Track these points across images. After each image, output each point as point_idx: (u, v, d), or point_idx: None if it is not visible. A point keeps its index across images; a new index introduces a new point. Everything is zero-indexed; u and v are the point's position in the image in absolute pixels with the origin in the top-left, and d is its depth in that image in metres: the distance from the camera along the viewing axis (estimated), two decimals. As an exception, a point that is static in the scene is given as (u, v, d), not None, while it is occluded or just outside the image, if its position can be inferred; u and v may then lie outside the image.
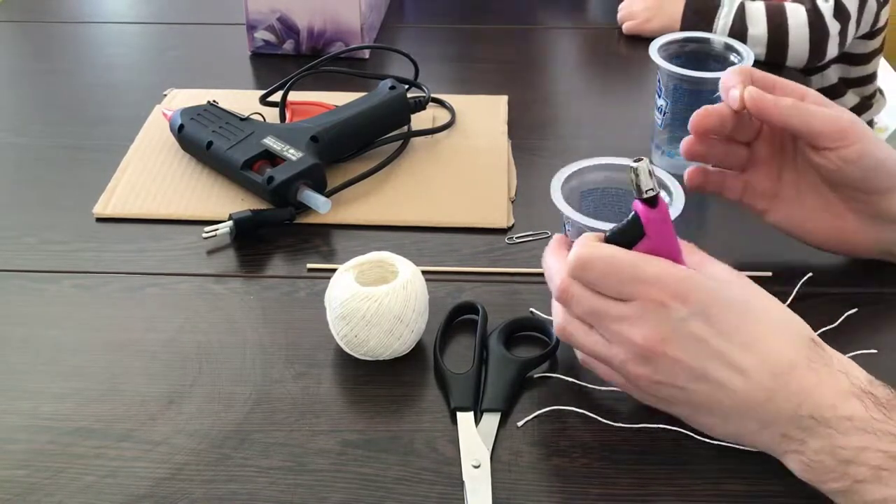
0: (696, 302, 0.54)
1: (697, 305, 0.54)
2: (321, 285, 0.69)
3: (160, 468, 0.58)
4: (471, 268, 0.75)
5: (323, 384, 0.64)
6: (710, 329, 0.54)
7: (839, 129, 0.65)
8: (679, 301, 0.54)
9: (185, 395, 0.63)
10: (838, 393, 0.52)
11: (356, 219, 0.81)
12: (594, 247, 0.56)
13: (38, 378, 0.65)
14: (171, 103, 0.96)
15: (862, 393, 0.52)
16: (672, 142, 0.86)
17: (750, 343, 0.54)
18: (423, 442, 0.60)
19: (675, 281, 0.54)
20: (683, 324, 0.54)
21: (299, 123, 0.86)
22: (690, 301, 0.54)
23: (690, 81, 0.82)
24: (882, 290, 0.72)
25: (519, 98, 0.99)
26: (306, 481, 0.58)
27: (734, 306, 0.55)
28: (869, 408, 0.51)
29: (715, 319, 0.54)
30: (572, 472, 0.58)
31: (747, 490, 0.56)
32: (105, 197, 0.83)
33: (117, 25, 1.18)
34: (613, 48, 1.15)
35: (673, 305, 0.54)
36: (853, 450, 0.51)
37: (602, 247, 0.56)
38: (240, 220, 0.77)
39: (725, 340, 0.54)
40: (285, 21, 1.06)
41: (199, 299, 0.72)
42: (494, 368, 0.64)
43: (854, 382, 0.52)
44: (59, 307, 0.72)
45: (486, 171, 0.87)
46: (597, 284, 0.56)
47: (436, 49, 1.12)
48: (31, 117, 0.97)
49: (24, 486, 0.57)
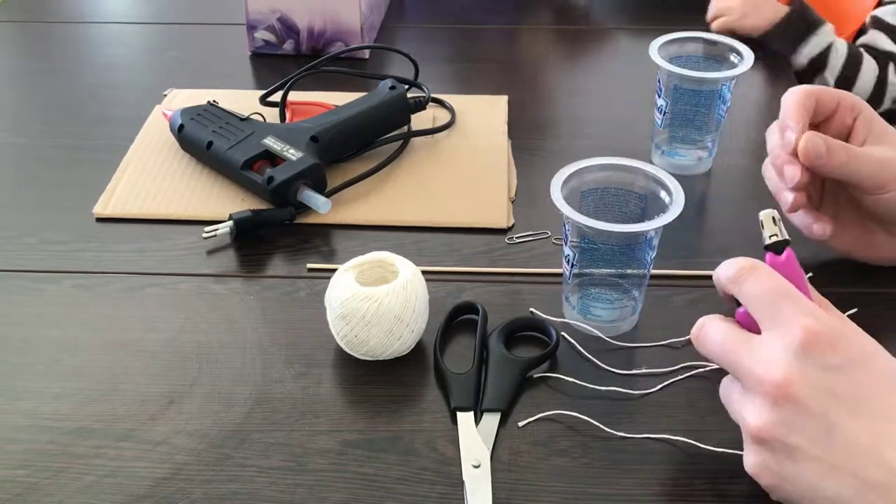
0: (843, 353, 0.49)
1: (843, 357, 0.49)
2: (321, 285, 0.69)
3: (160, 468, 0.58)
4: (471, 268, 0.75)
5: (323, 384, 0.64)
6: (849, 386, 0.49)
7: (880, 184, 0.67)
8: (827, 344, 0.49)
9: (185, 395, 0.63)
10: None
11: (356, 219, 0.81)
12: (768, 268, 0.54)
13: (38, 378, 0.65)
14: (171, 103, 0.96)
15: None
16: (672, 142, 0.86)
17: (889, 415, 0.49)
18: (423, 442, 0.60)
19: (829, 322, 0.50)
20: (822, 371, 0.49)
21: (299, 123, 0.86)
22: (838, 350, 0.49)
23: (690, 81, 0.82)
24: (882, 290, 0.72)
25: (519, 98, 0.99)
26: (306, 481, 0.58)
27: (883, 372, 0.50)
28: None
29: (857, 378, 0.49)
30: (572, 472, 0.58)
31: (747, 490, 0.56)
32: (105, 197, 0.83)
33: (117, 25, 1.18)
34: (613, 48, 1.15)
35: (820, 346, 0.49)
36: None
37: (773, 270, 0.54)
38: (240, 220, 0.77)
39: (863, 404, 0.49)
40: (285, 21, 1.06)
41: (199, 299, 0.72)
42: (494, 368, 0.64)
43: None
44: (59, 307, 0.72)
45: (486, 171, 0.87)
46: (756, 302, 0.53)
47: (436, 49, 1.12)
48: (31, 117, 0.97)
49: (24, 486, 0.57)
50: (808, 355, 0.49)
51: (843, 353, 0.49)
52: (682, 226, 0.66)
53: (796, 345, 0.49)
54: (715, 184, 0.86)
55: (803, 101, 0.68)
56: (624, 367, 0.66)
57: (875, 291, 0.72)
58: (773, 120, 0.70)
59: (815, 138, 0.66)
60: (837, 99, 0.69)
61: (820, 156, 0.65)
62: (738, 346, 0.52)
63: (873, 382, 0.49)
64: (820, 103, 0.69)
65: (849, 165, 0.66)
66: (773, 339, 0.51)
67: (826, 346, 0.49)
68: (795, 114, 0.67)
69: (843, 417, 0.48)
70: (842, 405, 0.49)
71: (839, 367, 0.49)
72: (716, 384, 0.56)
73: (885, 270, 0.73)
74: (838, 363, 0.49)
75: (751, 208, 0.78)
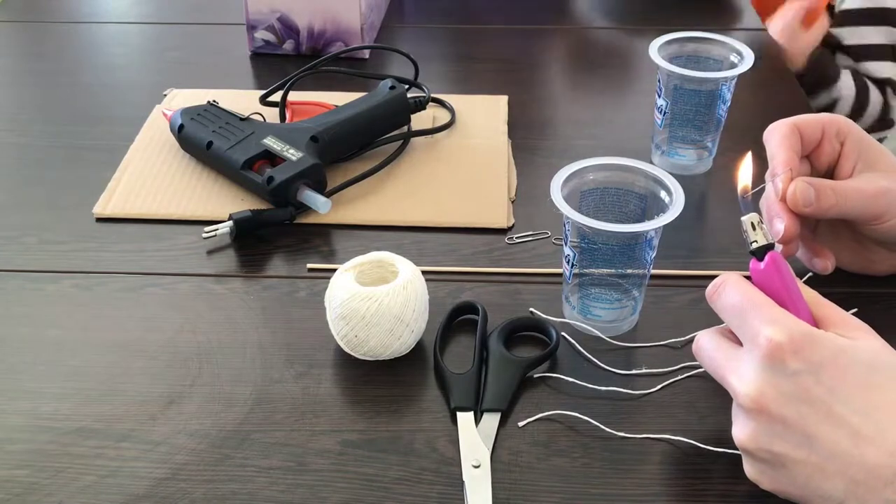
0: (808, 359, 0.50)
1: (809, 363, 0.50)
2: (321, 285, 0.69)
3: (160, 468, 0.58)
4: (471, 268, 0.75)
5: (323, 384, 0.64)
6: (821, 389, 0.49)
7: (875, 215, 0.66)
8: (791, 353, 0.50)
9: (185, 395, 0.63)
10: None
11: (356, 219, 0.81)
12: (734, 279, 0.55)
13: (38, 378, 0.65)
14: (171, 103, 0.96)
15: None
16: (672, 142, 0.86)
17: (866, 410, 0.49)
18: (423, 442, 0.60)
19: (791, 330, 0.50)
20: (791, 380, 0.50)
21: (299, 123, 0.86)
22: (803, 356, 0.50)
23: (690, 81, 0.82)
24: (882, 290, 0.72)
25: (519, 98, 0.99)
26: (306, 481, 0.58)
27: (854, 368, 0.50)
28: None
29: (827, 380, 0.49)
30: (572, 472, 0.58)
31: (747, 490, 0.56)
32: (105, 197, 0.83)
33: (117, 25, 1.17)
34: (613, 48, 1.15)
35: (784, 356, 0.50)
36: None
37: (741, 280, 0.55)
38: (240, 220, 0.77)
39: (838, 404, 0.49)
40: (285, 21, 1.06)
41: (199, 299, 0.72)
42: (494, 368, 0.64)
43: None
44: (59, 307, 0.72)
45: (486, 171, 0.87)
46: (727, 314, 0.54)
47: (436, 49, 1.12)
48: (31, 117, 0.97)
49: (24, 486, 0.57)
50: (775, 366, 0.50)
51: (809, 358, 0.50)
52: (682, 226, 0.66)
53: (761, 358, 0.51)
54: (715, 184, 0.86)
55: (787, 139, 0.66)
56: (624, 367, 0.66)
57: (875, 291, 0.72)
58: (773, 120, 0.70)
59: (802, 186, 0.64)
60: (822, 126, 0.67)
61: (809, 203, 0.64)
62: (724, 363, 0.54)
63: (847, 379, 0.50)
64: (804, 136, 0.67)
65: (839, 207, 0.65)
66: (745, 352, 0.52)
67: (789, 355, 0.50)
68: (782, 157, 0.66)
69: (819, 423, 0.50)
70: (817, 410, 0.50)
71: (807, 371, 0.50)
72: (716, 384, 0.56)
73: (885, 270, 0.73)
74: (805, 368, 0.50)
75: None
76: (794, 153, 0.66)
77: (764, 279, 0.54)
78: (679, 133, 0.85)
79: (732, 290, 0.54)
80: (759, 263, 0.55)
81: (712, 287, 0.56)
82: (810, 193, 0.64)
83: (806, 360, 0.50)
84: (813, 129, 0.67)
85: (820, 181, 0.66)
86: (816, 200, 0.64)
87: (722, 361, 0.54)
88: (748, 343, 0.52)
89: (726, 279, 0.55)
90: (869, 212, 0.66)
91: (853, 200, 0.65)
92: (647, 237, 0.64)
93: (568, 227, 0.65)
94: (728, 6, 1.23)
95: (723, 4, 1.24)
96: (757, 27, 1.18)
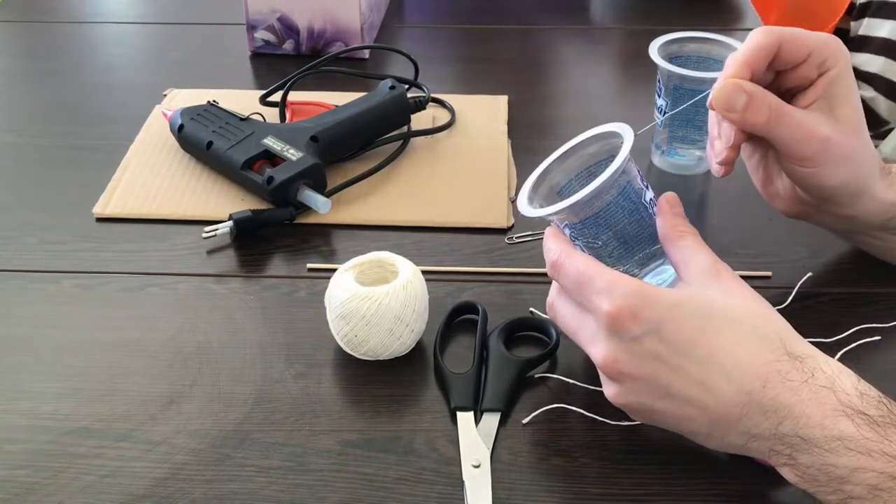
0: (646, 319, 0.52)
1: (648, 323, 0.52)
2: (321, 285, 0.69)
3: (160, 468, 0.58)
4: (471, 268, 0.75)
5: (323, 384, 0.64)
6: (664, 346, 0.52)
7: (803, 156, 0.62)
8: (629, 319, 0.52)
9: (185, 395, 0.63)
10: (825, 412, 0.50)
11: (356, 219, 0.81)
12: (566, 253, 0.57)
13: (38, 378, 0.65)
14: (171, 103, 0.96)
15: (852, 412, 0.49)
16: (672, 142, 0.86)
17: (708, 357, 0.52)
18: (423, 442, 0.60)
19: (624, 296, 0.52)
20: (636, 343, 0.52)
21: (299, 123, 0.86)
22: (641, 319, 0.52)
23: (690, 81, 0.82)
24: (882, 290, 0.72)
25: (519, 98, 0.99)
26: (306, 481, 0.58)
27: (690, 320, 0.52)
28: (861, 427, 0.49)
29: (669, 336, 0.52)
30: (572, 472, 0.58)
31: (746, 490, 0.57)
32: (105, 197, 0.83)
33: (117, 25, 1.18)
34: (613, 48, 1.15)
35: (623, 323, 0.52)
36: (846, 469, 0.49)
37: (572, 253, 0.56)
38: (240, 220, 0.77)
39: (683, 356, 0.52)
40: (285, 21, 1.06)
41: (199, 299, 0.72)
42: (494, 368, 0.64)
43: (842, 399, 0.50)
44: (59, 307, 0.72)
45: (486, 171, 0.87)
46: (569, 292, 0.57)
47: (436, 49, 1.12)
48: (31, 117, 0.97)
49: (24, 486, 0.57)
50: (620, 334, 0.53)
51: (647, 319, 0.52)
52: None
53: (605, 329, 0.53)
54: (715, 184, 0.86)
55: (757, 53, 0.60)
56: (624, 367, 0.65)
57: (875, 291, 0.72)
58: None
59: (733, 87, 0.59)
60: (810, 49, 0.61)
61: (731, 108, 0.59)
62: (578, 332, 0.57)
63: (685, 331, 0.52)
64: (784, 53, 0.61)
65: (768, 127, 0.60)
66: (593, 321, 0.55)
67: (628, 321, 0.52)
68: (740, 59, 0.60)
69: (671, 376, 0.53)
70: (666, 365, 0.52)
71: (649, 332, 0.52)
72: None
73: (885, 270, 0.73)
74: (646, 329, 0.52)
75: (751, 208, 0.78)
76: (759, 59, 0.60)
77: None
78: (679, 133, 0.85)
79: (560, 271, 0.56)
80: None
81: (551, 268, 0.57)
82: (737, 100, 0.59)
83: (645, 321, 0.52)
84: (797, 52, 0.61)
85: (763, 92, 0.60)
86: (743, 109, 0.59)
87: (576, 330, 0.57)
88: (592, 315, 0.54)
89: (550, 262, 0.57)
90: (797, 149, 0.61)
91: (787, 130, 0.60)
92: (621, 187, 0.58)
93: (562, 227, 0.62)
94: (728, 6, 1.23)
95: (723, 4, 1.24)
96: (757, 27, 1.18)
